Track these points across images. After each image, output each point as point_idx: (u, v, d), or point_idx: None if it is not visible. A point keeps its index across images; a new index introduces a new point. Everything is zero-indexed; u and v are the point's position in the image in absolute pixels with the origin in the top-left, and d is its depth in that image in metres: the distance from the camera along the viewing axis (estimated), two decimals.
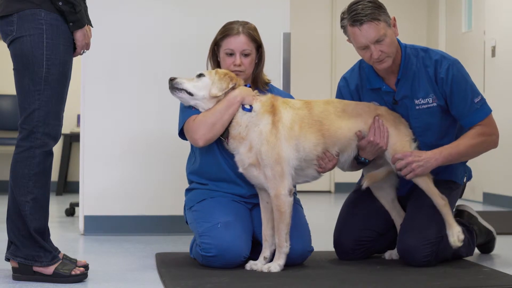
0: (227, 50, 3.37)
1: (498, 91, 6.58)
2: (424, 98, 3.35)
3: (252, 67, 3.41)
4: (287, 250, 3.21)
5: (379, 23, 3.22)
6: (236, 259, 3.23)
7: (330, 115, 3.27)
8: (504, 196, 6.55)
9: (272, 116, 3.20)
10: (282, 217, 3.18)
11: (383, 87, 3.39)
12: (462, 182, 3.58)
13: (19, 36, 2.93)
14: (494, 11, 6.82)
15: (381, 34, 3.23)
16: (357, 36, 3.25)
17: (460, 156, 3.35)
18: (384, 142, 3.28)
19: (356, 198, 3.59)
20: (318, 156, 3.25)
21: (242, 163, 3.23)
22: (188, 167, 3.55)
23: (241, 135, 3.21)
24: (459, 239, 3.26)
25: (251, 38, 3.38)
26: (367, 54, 3.28)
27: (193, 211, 3.43)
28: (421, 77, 3.35)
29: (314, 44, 8.11)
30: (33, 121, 2.94)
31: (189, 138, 3.31)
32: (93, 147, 4.45)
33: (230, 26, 3.40)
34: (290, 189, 3.19)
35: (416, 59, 3.36)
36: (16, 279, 3.00)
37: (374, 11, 3.22)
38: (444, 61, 3.33)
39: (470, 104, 3.31)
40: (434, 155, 3.28)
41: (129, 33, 4.47)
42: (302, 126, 3.22)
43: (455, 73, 3.32)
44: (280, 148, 3.17)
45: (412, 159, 3.25)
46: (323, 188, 8.15)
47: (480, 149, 3.37)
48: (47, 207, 3.03)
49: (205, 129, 3.22)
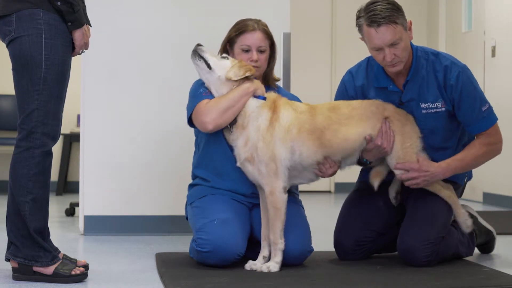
0: (244, 46, 3.39)
1: (498, 91, 6.57)
2: (433, 103, 3.34)
3: (266, 63, 3.44)
4: (282, 246, 3.21)
5: (397, 26, 3.18)
6: (231, 256, 3.23)
7: (333, 125, 3.23)
8: (504, 196, 6.55)
9: (271, 113, 3.21)
10: (277, 214, 3.18)
11: (390, 87, 3.38)
12: (463, 183, 3.58)
13: (18, 36, 2.93)
14: (494, 11, 6.81)
15: (397, 38, 3.19)
16: (372, 37, 3.21)
17: (467, 167, 3.40)
18: (390, 146, 3.27)
19: (356, 198, 3.59)
20: (318, 161, 3.24)
21: (239, 157, 3.25)
22: (194, 160, 3.55)
23: (243, 125, 3.22)
24: (467, 225, 3.39)
25: (266, 34, 3.42)
26: (380, 56, 3.25)
27: (193, 207, 3.44)
28: (430, 81, 3.33)
29: (314, 44, 8.11)
30: (32, 121, 2.94)
31: (198, 122, 3.28)
32: (93, 147, 4.45)
33: (245, 23, 3.42)
34: (285, 187, 3.20)
35: (426, 63, 3.34)
36: (16, 279, 3.00)
37: (393, 14, 3.17)
38: (454, 67, 3.31)
39: (477, 112, 3.31)
40: (441, 169, 3.29)
41: (129, 33, 4.47)
42: (301, 131, 3.21)
43: (465, 80, 3.30)
44: (274, 147, 3.17)
45: (418, 174, 3.25)
46: (323, 188, 8.15)
47: (486, 159, 3.41)
48: (46, 207, 3.03)
49: (216, 113, 3.22)
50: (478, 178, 6.74)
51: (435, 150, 3.39)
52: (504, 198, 6.54)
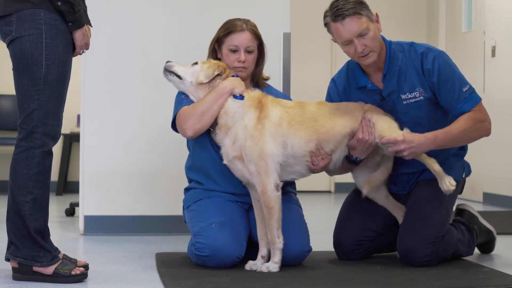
0: (232, 47, 3.38)
1: (498, 91, 6.57)
2: (410, 93, 3.36)
3: (254, 64, 3.43)
4: (281, 245, 3.20)
5: (361, 17, 3.24)
6: (230, 259, 3.23)
7: (324, 113, 3.28)
8: (504, 196, 6.55)
9: (258, 112, 3.21)
10: (271, 213, 3.18)
11: (369, 85, 3.40)
12: (461, 178, 3.57)
13: (18, 36, 2.93)
14: (494, 11, 6.82)
15: (363, 28, 3.23)
16: (340, 31, 3.26)
17: (453, 140, 3.31)
18: (372, 137, 3.27)
19: (356, 198, 3.59)
20: (311, 152, 3.24)
21: (226, 155, 3.24)
22: (186, 164, 3.56)
23: (227, 125, 3.22)
24: (451, 184, 3.25)
25: (254, 35, 3.41)
26: (352, 50, 3.28)
27: (190, 210, 3.44)
28: (408, 71, 3.35)
29: (314, 44, 8.12)
30: (33, 121, 2.94)
31: (179, 129, 3.32)
32: (93, 147, 4.45)
33: (234, 23, 3.42)
34: (277, 184, 3.19)
35: (402, 54, 3.37)
36: (16, 279, 3.00)
37: (356, 6, 3.24)
38: (429, 52, 3.34)
39: (458, 93, 3.31)
40: (426, 140, 3.24)
41: (129, 33, 4.47)
42: (292, 124, 3.22)
43: (441, 63, 3.32)
44: (264, 143, 3.16)
45: (404, 146, 3.23)
46: (323, 188, 8.15)
47: (473, 134, 3.34)
48: (47, 207, 3.03)
49: (193, 119, 3.23)
50: (478, 178, 6.75)
51: None
52: (504, 198, 6.54)
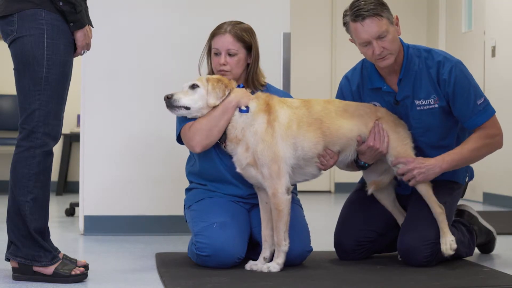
0: (214, 50, 3.38)
1: (498, 91, 6.58)
2: (425, 99, 3.34)
3: (240, 67, 3.37)
4: (286, 248, 3.21)
5: (382, 19, 3.21)
6: (230, 260, 3.23)
7: (331, 113, 3.26)
8: (504, 196, 6.55)
9: (267, 115, 3.20)
10: (280, 215, 3.18)
11: (384, 87, 3.39)
12: (464, 182, 3.58)
13: (20, 36, 2.93)
14: (494, 11, 6.82)
15: (383, 30, 3.21)
16: (359, 32, 3.24)
17: (464, 161, 3.33)
18: (384, 147, 3.27)
19: (356, 198, 3.59)
20: (319, 154, 3.24)
21: (239, 163, 3.23)
22: (187, 168, 3.55)
23: (238, 137, 3.20)
24: (452, 247, 3.26)
25: (237, 38, 3.35)
26: (369, 51, 3.26)
27: (191, 210, 3.44)
28: (423, 77, 3.33)
29: (314, 44, 8.11)
30: (33, 121, 2.94)
31: (186, 145, 3.32)
32: (93, 147, 4.45)
33: (219, 25, 3.41)
34: (288, 187, 3.19)
35: (418, 59, 3.34)
36: (16, 279, 3.00)
37: (377, 7, 3.22)
38: (446, 62, 3.31)
39: (473, 106, 3.29)
40: (437, 162, 3.27)
41: (129, 33, 4.47)
42: (301, 125, 3.21)
43: (458, 74, 3.29)
44: (276, 147, 3.16)
45: (414, 165, 3.24)
46: (323, 188, 8.15)
47: (485, 152, 3.35)
48: (47, 207, 3.03)
49: (201, 136, 3.22)
50: (478, 178, 6.73)
51: (432, 148, 3.38)
52: (504, 198, 6.54)
